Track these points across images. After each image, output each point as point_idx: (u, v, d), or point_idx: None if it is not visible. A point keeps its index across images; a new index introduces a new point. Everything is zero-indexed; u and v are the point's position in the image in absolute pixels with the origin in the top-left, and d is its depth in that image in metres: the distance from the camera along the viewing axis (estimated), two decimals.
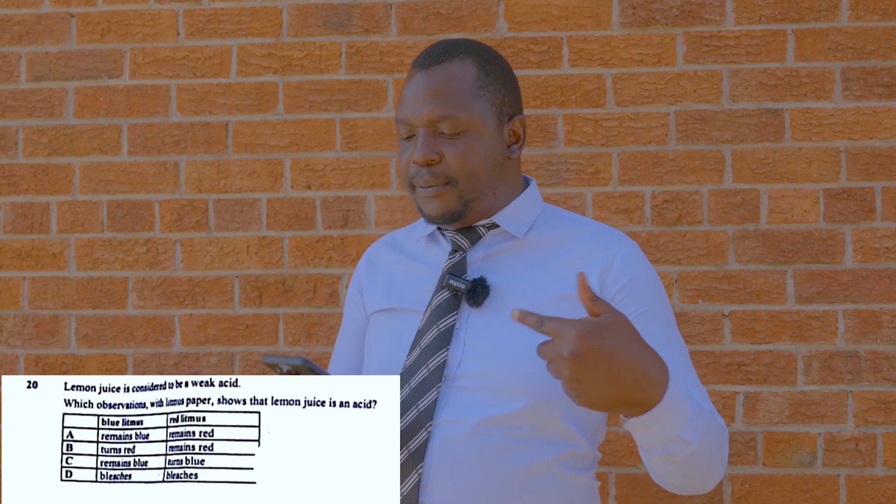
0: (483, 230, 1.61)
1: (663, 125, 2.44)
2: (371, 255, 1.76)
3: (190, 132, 2.53)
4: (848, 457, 2.38)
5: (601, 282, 1.55)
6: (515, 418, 1.50)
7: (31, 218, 2.55)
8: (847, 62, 2.42)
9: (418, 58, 1.60)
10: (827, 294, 2.39)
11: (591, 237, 1.60)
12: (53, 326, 2.53)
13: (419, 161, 1.54)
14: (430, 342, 1.55)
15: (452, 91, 1.55)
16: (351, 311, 1.77)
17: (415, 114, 1.55)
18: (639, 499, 2.40)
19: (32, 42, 2.57)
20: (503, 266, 1.60)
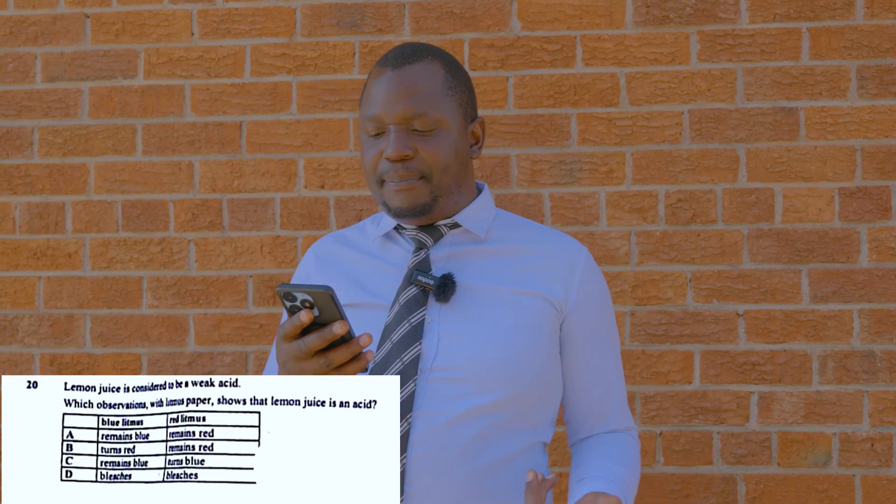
0: (445, 229, 1.66)
1: (677, 124, 2.44)
2: (319, 251, 1.76)
3: (204, 132, 2.54)
4: (863, 457, 2.36)
5: (565, 287, 1.64)
6: (495, 408, 1.56)
7: (46, 218, 2.56)
8: (862, 60, 2.41)
9: (386, 58, 1.64)
10: (842, 293, 2.38)
11: (550, 242, 1.68)
12: (69, 326, 2.54)
13: (393, 157, 1.57)
14: (401, 336, 1.58)
15: (425, 90, 1.60)
16: None
17: (388, 111, 1.59)
18: (653, 498, 2.39)
19: (48, 43, 2.59)
20: (468, 265, 1.65)
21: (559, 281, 1.64)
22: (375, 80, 1.62)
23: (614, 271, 2.43)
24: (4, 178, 2.58)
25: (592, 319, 1.66)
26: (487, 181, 2.46)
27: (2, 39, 2.60)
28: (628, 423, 1.72)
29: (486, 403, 1.55)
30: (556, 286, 1.64)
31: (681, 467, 2.40)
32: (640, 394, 2.41)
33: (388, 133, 1.60)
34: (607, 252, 2.43)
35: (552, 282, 1.64)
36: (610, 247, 2.43)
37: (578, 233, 2.44)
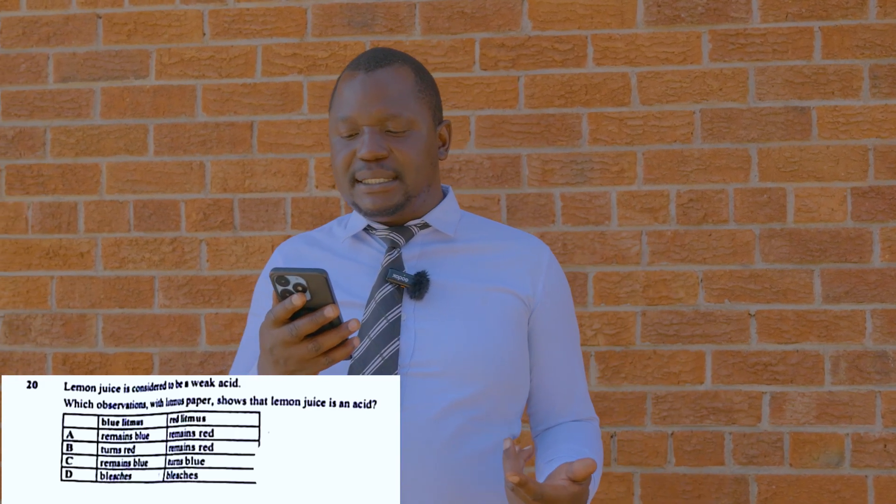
0: (415, 229, 1.72)
1: (689, 124, 2.43)
2: (288, 252, 1.79)
3: (215, 132, 2.54)
4: (876, 458, 2.35)
5: (532, 283, 1.71)
6: (473, 402, 1.62)
7: (58, 217, 2.57)
8: (875, 59, 2.40)
9: (358, 62, 1.69)
10: (855, 293, 2.37)
11: (516, 240, 1.75)
12: (81, 325, 2.55)
13: (368, 156, 1.62)
14: (379, 333, 1.62)
15: (398, 92, 1.66)
16: (265, 306, 1.77)
17: (362, 112, 1.64)
18: (664, 499, 2.39)
19: (60, 43, 2.59)
20: (439, 264, 1.70)
21: (526, 277, 1.71)
22: (347, 82, 1.67)
23: (625, 271, 2.42)
24: (17, 178, 2.59)
25: (557, 313, 1.73)
26: (498, 181, 2.46)
27: (14, 40, 2.61)
28: (591, 413, 1.79)
29: (464, 397, 1.61)
30: (524, 282, 1.70)
31: (692, 468, 2.39)
32: (652, 394, 2.40)
33: (362, 134, 1.64)
34: (618, 252, 2.42)
35: (520, 278, 1.70)
36: (621, 246, 2.43)
37: (590, 233, 2.43)
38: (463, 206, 2.46)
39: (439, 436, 1.59)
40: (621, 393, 2.41)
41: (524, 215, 2.45)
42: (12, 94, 2.60)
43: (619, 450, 2.41)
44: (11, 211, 2.58)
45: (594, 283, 2.43)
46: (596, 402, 2.42)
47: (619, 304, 2.42)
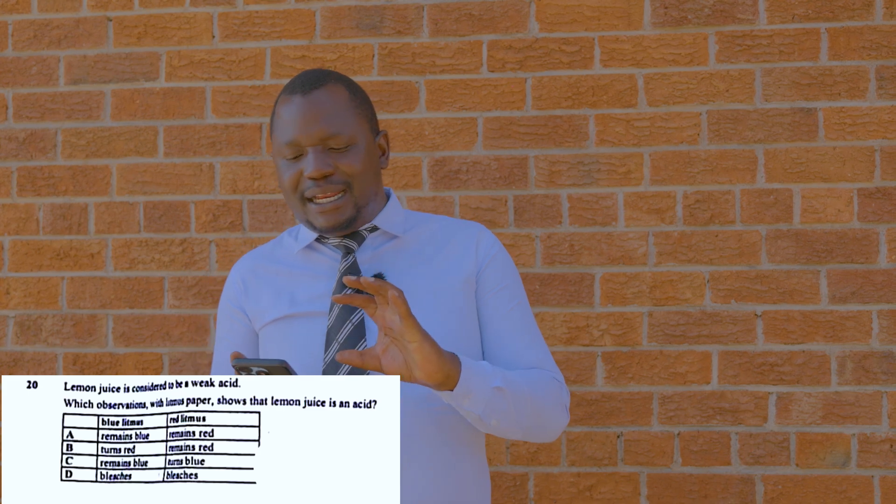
0: (365, 233, 1.79)
1: (695, 125, 2.44)
2: (243, 272, 1.85)
3: (225, 134, 2.56)
4: (882, 458, 2.36)
5: (473, 258, 1.79)
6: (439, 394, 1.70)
7: (69, 219, 2.59)
8: (881, 61, 2.40)
9: (293, 85, 1.75)
10: (861, 294, 2.38)
11: (454, 228, 1.83)
12: (91, 326, 2.56)
13: (316, 175, 1.69)
14: (346, 336, 1.69)
15: (336, 110, 1.73)
16: (231, 329, 1.84)
17: (304, 134, 1.71)
18: (670, 498, 2.40)
19: (71, 46, 2.61)
20: (390, 263, 1.78)
21: (467, 256, 1.79)
22: (284, 106, 1.74)
23: (632, 272, 2.43)
24: (28, 180, 2.61)
25: (499, 273, 1.80)
26: (506, 182, 2.47)
27: (25, 42, 2.63)
28: (555, 373, 1.80)
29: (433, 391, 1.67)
30: (465, 263, 1.78)
31: (699, 468, 2.40)
32: (659, 394, 2.41)
33: (306, 154, 1.72)
34: (625, 253, 2.43)
35: (462, 260, 1.78)
36: (628, 247, 2.43)
37: (597, 233, 2.44)
38: (470, 207, 2.48)
39: (420, 427, 1.68)
40: (628, 393, 2.42)
41: (531, 216, 2.46)
42: (23, 96, 2.62)
43: (625, 450, 2.42)
44: (23, 212, 2.60)
45: (601, 283, 2.44)
46: (602, 402, 2.43)
47: (625, 305, 2.43)
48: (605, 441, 2.42)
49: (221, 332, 1.87)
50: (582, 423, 2.43)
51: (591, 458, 2.43)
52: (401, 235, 1.81)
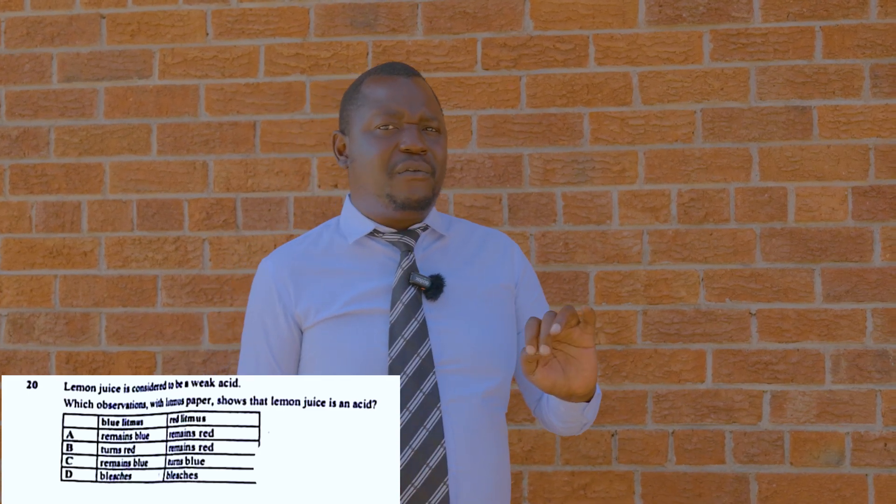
0: (419, 231, 1.84)
1: (690, 123, 2.44)
2: (282, 266, 1.83)
3: (218, 132, 2.55)
4: (876, 456, 2.36)
5: (511, 269, 1.88)
6: (497, 391, 1.79)
7: (62, 217, 2.58)
8: (876, 59, 2.40)
9: (392, 67, 1.83)
10: (855, 293, 2.38)
11: (485, 234, 1.92)
12: (84, 324, 2.56)
13: (413, 148, 1.75)
14: (412, 334, 1.74)
15: (433, 99, 1.83)
16: (275, 325, 1.82)
17: (411, 110, 1.78)
18: (664, 497, 2.40)
19: (64, 43, 2.61)
20: (438, 263, 1.83)
21: (504, 264, 1.87)
22: (384, 84, 1.80)
23: (626, 270, 2.43)
24: (21, 178, 2.60)
25: (531, 285, 1.91)
26: (500, 180, 2.47)
27: (18, 40, 2.62)
28: None
29: (491, 388, 1.77)
30: (505, 271, 1.87)
31: (693, 466, 2.40)
32: (653, 393, 2.41)
33: (404, 129, 1.77)
34: (619, 251, 2.43)
35: (502, 268, 1.87)
36: (622, 246, 2.43)
37: (591, 232, 2.44)
38: (465, 205, 2.47)
39: (483, 422, 1.75)
40: (622, 392, 2.42)
41: (526, 215, 2.45)
42: (16, 93, 2.61)
43: (619, 448, 2.42)
44: (15, 210, 2.59)
45: (595, 282, 2.44)
46: None
47: (620, 304, 2.43)
48: (599, 440, 2.42)
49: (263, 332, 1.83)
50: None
51: (586, 457, 2.42)
52: (446, 235, 1.87)
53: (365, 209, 1.83)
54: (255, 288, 1.85)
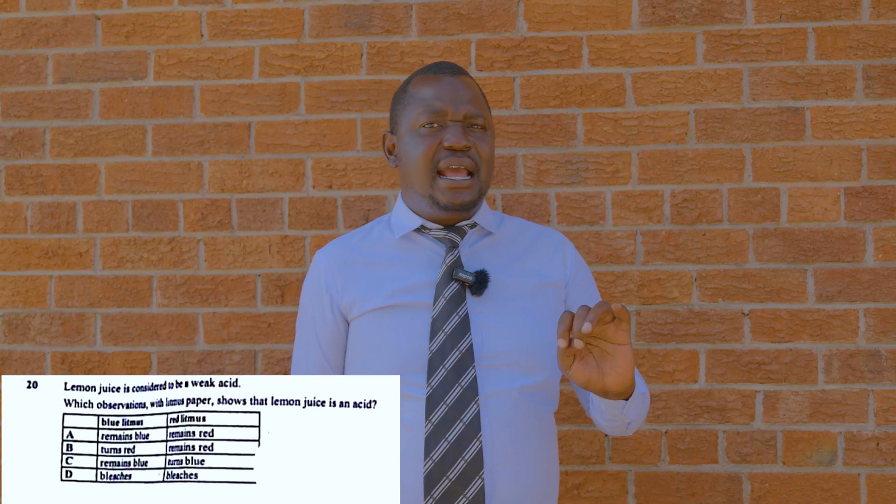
0: (467, 228, 1.88)
1: (683, 124, 2.44)
2: (333, 258, 1.90)
3: (213, 133, 2.56)
4: (869, 456, 2.37)
5: (562, 266, 1.91)
6: (541, 387, 1.81)
7: (57, 217, 2.58)
8: (868, 60, 2.41)
9: (439, 67, 1.88)
10: (848, 293, 2.39)
11: (538, 232, 1.95)
12: (80, 324, 2.56)
13: (457, 145, 1.80)
14: (453, 328, 1.76)
15: (479, 96, 1.87)
16: (322, 315, 1.89)
17: (455, 108, 1.82)
18: (658, 496, 2.40)
19: (59, 44, 2.61)
20: (485, 259, 1.86)
21: (554, 263, 1.89)
22: (430, 83, 1.85)
23: (620, 271, 2.43)
24: (16, 179, 2.60)
25: (584, 283, 1.93)
26: (494, 181, 2.48)
27: (13, 41, 2.62)
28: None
29: (534, 383, 1.79)
30: (555, 270, 1.89)
31: (686, 466, 2.40)
32: None
33: (449, 127, 1.82)
34: (613, 251, 2.44)
35: (553, 267, 1.89)
36: (616, 246, 2.44)
37: (584, 232, 2.45)
38: None
39: (521, 417, 1.76)
40: None
41: (519, 215, 2.46)
42: (11, 94, 2.61)
43: (613, 448, 2.42)
44: (11, 211, 2.60)
45: None
46: None
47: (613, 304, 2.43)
48: (592, 439, 2.43)
49: (312, 321, 1.90)
50: (570, 422, 2.43)
51: (579, 457, 2.43)
52: (495, 232, 1.90)
53: (413, 206, 1.89)
54: (307, 279, 1.93)
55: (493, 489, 1.71)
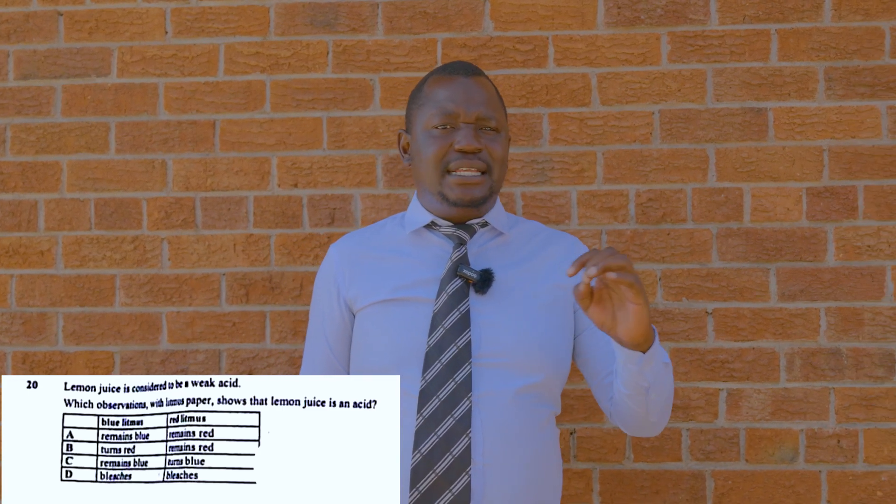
0: (477, 227, 1.89)
1: (648, 124, 2.46)
2: (344, 252, 1.93)
3: (177, 130, 2.54)
4: (829, 453, 2.40)
5: None
6: (538, 387, 1.80)
7: (18, 216, 2.56)
8: (830, 62, 2.44)
9: (453, 67, 1.90)
10: (809, 292, 2.41)
11: (552, 235, 1.96)
12: (41, 324, 2.54)
13: (467, 147, 1.82)
14: (453, 324, 1.77)
15: (491, 98, 1.88)
16: (329, 307, 1.92)
17: (466, 110, 1.84)
18: (622, 494, 2.42)
19: (20, 40, 2.58)
20: (494, 259, 1.87)
21: (566, 266, 1.90)
22: (443, 84, 1.87)
23: None
24: None
25: None
26: None
27: None
28: None
29: (531, 384, 1.78)
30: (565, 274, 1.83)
31: (650, 464, 2.42)
32: None
33: (460, 129, 1.84)
34: None
35: (561, 268, 1.89)
36: None
37: None
38: None
39: (515, 417, 1.76)
40: (581, 390, 2.44)
41: None
42: None
43: (578, 446, 2.44)
44: None
45: None
46: None
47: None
48: None
49: (321, 312, 1.93)
50: None
51: None
52: (506, 233, 1.92)
53: (425, 204, 1.92)
54: (319, 272, 1.96)
55: (483, 489, 1.72)
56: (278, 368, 2.47)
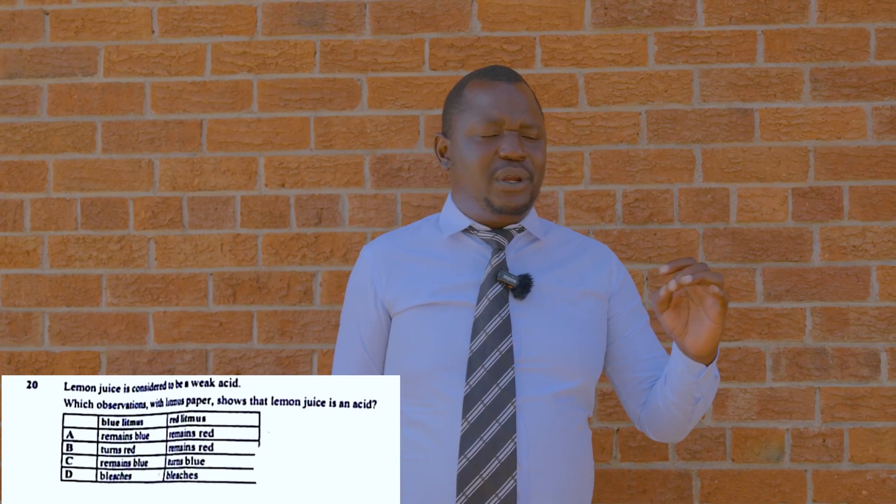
0: (514, 232, 1.89)
1: (635, 125, 2.47)
2: (378, 254, 1.92)
3: (164, 130, 2.53)
4: (815, 452, 2.41)
5: (607, 279, 1.93)
6: (576, 392, 1.83)
7: (4, 215, 2.55)
8: (816, 63, 2.45)
9: (495, 73, 1.89)
10: (795, 292, 2.43)
11: (586, 243, 1.98)
12: (27, 324, 2.53)
13: (513, 155, 1.82)
14: (495, 329, 1.78)
15: (534, 104, 1.88)
16: (365, 308, 1.91)
17: (511, 117, 1.84)
18: (610, 494, 2.43)
19: (6, 39, 2.57)
20: (529, 264, 1.88)
21: (600, 275, 1.92)
22: (486, 90, 1.86)
23: None
24: None
25: (629, 295, 1.96)
26: (447, 181, 2.48)
27: None
28: None
29: (570, 388, 1.81)
30: (600, 281, 1.92)
31: (637, 463, 2.43)
32: (598, 391, 2.44)
33: (505, 136, 1.84)
34: None
35: (597, 278, 1.92)
36: None
37: None
38: (412, 205, 2.48)
39: (557, 421, 1.78)
40: None
41: None
42: None
43: None
44: None
45: None
46: None
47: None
48: None
49: (356, 314, 1.92)
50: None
51: None
52: (542, 239, 1.93)
53: (463, 208, 1.90)
54: (353, 273, 1.94)
55: (528, 492, 1.74)
56: (265, 368, 2.47)
